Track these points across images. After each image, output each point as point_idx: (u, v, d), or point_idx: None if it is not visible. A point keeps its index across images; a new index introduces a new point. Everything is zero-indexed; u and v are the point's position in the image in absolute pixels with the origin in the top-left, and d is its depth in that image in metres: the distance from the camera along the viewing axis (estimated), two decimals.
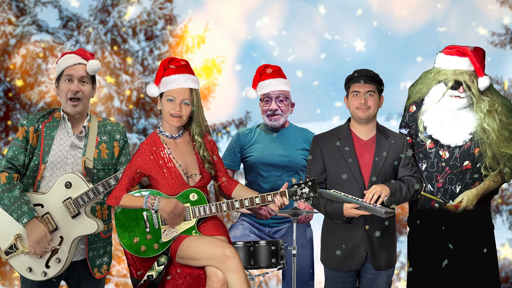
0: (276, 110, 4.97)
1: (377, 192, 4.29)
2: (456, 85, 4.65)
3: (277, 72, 5.01)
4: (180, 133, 4.26)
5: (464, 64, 4.67)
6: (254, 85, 5.03)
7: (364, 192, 4.33)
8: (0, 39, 11.22)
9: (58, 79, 4.38)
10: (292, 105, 5.07)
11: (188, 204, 4.16)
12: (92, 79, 4.40)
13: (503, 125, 4.65)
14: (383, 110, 4.63)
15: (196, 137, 4.24)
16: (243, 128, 5.24)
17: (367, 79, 4.43)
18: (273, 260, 4.72)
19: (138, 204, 4.12)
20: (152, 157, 4.17)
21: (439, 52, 4.77)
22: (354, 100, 4.45)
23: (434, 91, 4.72)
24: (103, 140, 4.39)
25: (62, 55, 4.42)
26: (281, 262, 4.76)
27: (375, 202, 4.28)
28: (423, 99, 4.77)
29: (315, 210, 4.73)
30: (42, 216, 4.25)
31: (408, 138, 4.74)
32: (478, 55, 4.67)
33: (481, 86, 4.65)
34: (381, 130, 4.52)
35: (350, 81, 4.48)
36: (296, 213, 4.72)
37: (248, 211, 5.01)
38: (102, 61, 11.30)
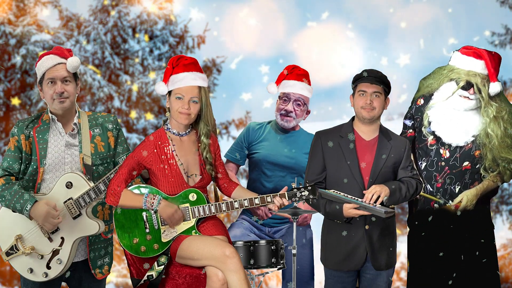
0: (291, 112, 4.98)
1: (376, 192, 4.29)
2: (467, 85, 4.66)
3: (304, 76, 5.01)
4: (187, 131, 4.26)
5: (479, 66, 4.67)
6: (278, 81, 5.03)
7: (364, 192, 4.33)
8: (0, 39, 11.22)
9: (40, 82, 4.34)
10: (308, 112, 5.07)
11: (187, 204, 4.17)
12: (74, 75, 4.36)
13: (507, 133, 4.66)
14: None
15: (202, 137, 4.24)
16: (254, 122, 5.21)
17: (375, 80, 4.43)
18: (273, 260, 4.72)
19: (137, 204, 4.12)
20: (155, 150, 4.17)
21: (456, 50, 4.77)
22: (360, 99, 4.45)
23: (444, 88, 4.72)
24: (96, 133, 4.37)
25: (40, 57, 4.36)
26: (281, 262, 4.76)
27: (375, 202, 4.28)
28: (432, 94, 4.77)
29: (314, 210, 4.74)
30: None
31: (411, 130, 4.75)
32: (494, 60, 4.67)
33: (492, 91, 4.65)
34: (384, 132, 4.51)
35: (357, 80, 4.48)
36: (296, 213, 4.73)
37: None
38: (102, 61, 11.31)
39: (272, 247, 4.72)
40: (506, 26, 11.14)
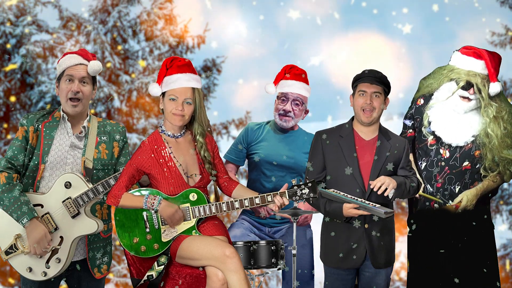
0: (289, 112, 4.98)
1: (385, 183, 4.29)
2: (467, 86, 4.65)
3: (302, 76, 5.01)
4: (182, 133, 4.26)
5: (479, 66, 4.67)
6: (276, 82, 5.03)
7: (370, 182, 4.32)
8: (0, 39, 11.23)
9: (58, 79, 4.39)
10: (306, 111, 5.07)
11: (188, 204, 4.16)
12: (93, 79, 4.40)
13: (507, 133, 4.66)
14: None
15: (197, 137, 4.24)
16: (253, 122, 5.21)
17: (375, 80, 4.43)
18: (273, 260, 4.72)
19: (138, 204, 4.13)
20: (153, 155, 4.17)
21: (456, 50, 4.77)
22: (359, 99, 4.45)
23: (444, 88, 4.72)
24: (102, 140, 4.39)
25: (64, 55, 4.42)
26: (281, 262, 4.76)
27: (382, 193, 4.28)
28: (432, 94, 4.77)
29: (314, 210, 4.74)
30: (42, 216, 4.25)
31: (411, 131, 4.75)
32: (494, 60, 4.66)
33: (492, 92, 4.65)
34: (383, 132, 4.52)
35: (358, 80, 4.48)
36: (296, 213, 4.72)
37: None
38: (102, 61, 11.31)
39: (272, 247, 4.71)
40: (506, 26, 11.15)
